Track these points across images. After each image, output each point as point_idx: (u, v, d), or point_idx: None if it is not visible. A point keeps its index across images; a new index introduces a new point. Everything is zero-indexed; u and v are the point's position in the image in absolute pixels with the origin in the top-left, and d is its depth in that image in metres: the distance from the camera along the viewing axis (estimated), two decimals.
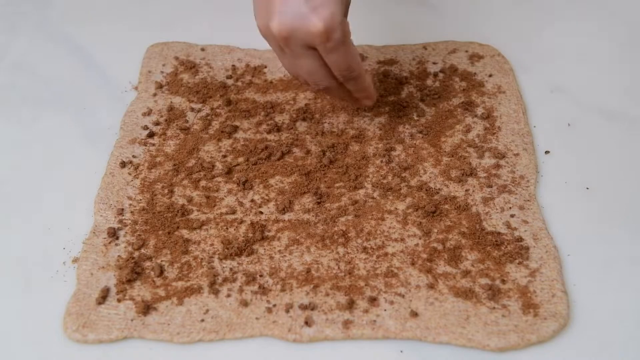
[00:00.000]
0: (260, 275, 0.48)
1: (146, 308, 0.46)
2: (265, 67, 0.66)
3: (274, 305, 0.47)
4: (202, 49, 0.67)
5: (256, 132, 0.59)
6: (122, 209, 0.53)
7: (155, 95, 0.63)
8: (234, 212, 0.53)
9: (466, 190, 0.54)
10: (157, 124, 0.60)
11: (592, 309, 0.46)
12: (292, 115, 0.60)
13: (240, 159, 0.57)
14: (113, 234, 0.51)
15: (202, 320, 0.46)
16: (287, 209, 0.53)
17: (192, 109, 0.61)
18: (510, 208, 0.52)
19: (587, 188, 0.54)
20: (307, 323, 0.45)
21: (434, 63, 0.65)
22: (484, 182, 0.54)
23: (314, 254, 0.50)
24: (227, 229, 0.51)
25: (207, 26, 0.71)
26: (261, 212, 0.53)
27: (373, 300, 0.46)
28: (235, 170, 0.56)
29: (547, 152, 0.57)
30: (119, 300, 0.47)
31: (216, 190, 0.54)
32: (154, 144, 0.58)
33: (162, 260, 0.50)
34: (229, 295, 0.47)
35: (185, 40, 0.69)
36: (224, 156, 0.57)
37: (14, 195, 0.55)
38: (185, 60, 0.66)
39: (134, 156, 0.57)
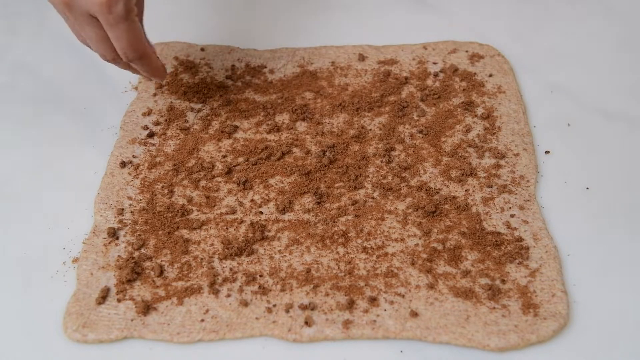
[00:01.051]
0: (260, 275, 0.48)
1: (146, 308, 0.46)
2: (265, 67, 0.66)
3: (274, 305, 0.47)
4: (202, 49, 0.67)
5: (256, 132, 0.59)
6: (122, 209, 0.53)
7: (155, 95, 0.63)
8: (234, 212, 0.53)
9: (466, 190, 0.54)
10: (157, 124, 0.60)
11: (592, 309, 0.46)
12: (292, 115, 0.60)
13: (240, 159, 0.57)
14: (113, 234, 0.51)
15: (202, 320, 0.46)
16: (287, 209, 0.53)
17: (192, 109, 0.61)
18: (510, 208, 0.52)
19: (587, 188, 0.54)
20: (307, 323, 0.45)
21: (434, 63, 0.65)
22: (484, 182, 0.54)
23: (314, 254, 0.50)
24: (227, 229, 0.51)
25: (207, 26, 0.71)
26: (261, 212, 0.53)
27: (373, 300, 0.46)
28: (235, 170, 0.56)
29: (547, 152, 0.57)
30: (119, 300, 0.47)
31: (216, 190, 0.54)
32: (154, 144, 0.58)
33: (162, 260, 0.50)
34: (229, 295, 0.47)
35: (185, 40, 0.69)
36: (224, 156, 0.57)
37: (14, 195, 0.55)
38: (185, 60, 0.66)
39: (134, 156, 0.57)
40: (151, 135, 0.59)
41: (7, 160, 0.58)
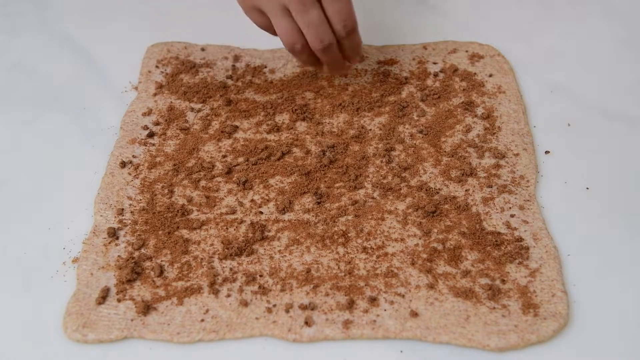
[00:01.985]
0: (260, 275, 0.48)
1: (146, 308, 0.46)
2: (265, 67, 0.66)
3: (274, 305, 0.47)
4: (202, 49, 0.67)
5: (256, 132, 0.59)
6: (122, 209, 0.53)
7: (155, 95, 0.63)
8: (234, 212, 0.53)
9: (466, 190, 0.54)
10: (157, 124, 0.60)
11: (592, 309, 0.46)
12: (292, 115, 0.60)
13: (240, 159, 0.57)
14: (113, 234, 0.51)
15: (202, 320, 0.46)
16: (287, 209, 0.53)
17: (192, 109, 0.61)
18: (510, 208, 0.52)
19: (587, 188, 0.54)
20: (307, 323, 0.45)
21: (434, 63, 0.65)
22: (484, 182, 0.54)
23: (314, 254, 0.50)
24: (227, 229, 0.51)
25: (207, 26, 0.71)
26: (261, 212, 0.53)
27: (373, 300, 0.46)
28: (235, 170, 0.56)
29: (547, 152, 0.57)
30: (119, 300, 0.47)
31: (216, 190, 0.54)
32: (154, 144, 0.58)
33: (162, 260, 0.50)
34: (229, 295, 0.47)
35: (185, 40, 0.69)
36: (224, 156, 0.57)
37: (14, 195, 0.55)
38: (185, 60, 0.66)
39: (134, 156, 0.57)
40: (151, 135, 0.59)
41: (7, 160, 0.58)
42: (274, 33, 0.56)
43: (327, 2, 0.52)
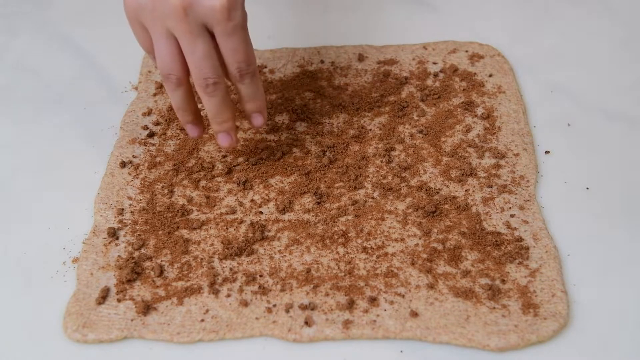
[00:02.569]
0: (260, 275, 0.48)
1: (146, 308, 0.46)
2: (266, 66, 0.66)
3: (274, 305, 0.47)
4: None
5: (256, 132, 0.59)
6: (122, 209, 0.53)
7: (155, 95, 0.63)
8: (234, 212, 0.53)
9: (466, 190, 0.54)
10: (157, 124, 0.60)
11: (592, 309, 0.46)
12: (292, 115, 0.60)
13: (240, 159, 0.57)
14: (113, 234, 0.51)
15: (202, 320, 0.46)
16: (287, 209, 0.53)
17: None
18: (510, 208, 0.52)
19: (587, 188, 0.54)
20: (307, 323, 0.45)
21: (434, 63, 0.65)
22: (484, 182, 0.54)
23: (314, 254, 0.50)
24: (227, 229, 0.51)
25: None
26: (261, 212, 0.53)
27: (373, 300, 0.46)
28: (235, 170, 0.56)
29: (547, 152, 0.57)
30: (119, 300, 0.47)
31: (216, 190, 0.54)
32: (154, 144, 0.58)
33: (162, 260, 0.50)
34: (229, 295, 0.47)
35: None
36: (224, 156, 0.57)
37: (14, 195, 0.55)
38: None
39: (134, 156, 0.57)
40: (151, 135, 0.59)
41: (7, 160, 0.58)
42: (154, 58, 0.48)
43: (221, 38, 0.44)
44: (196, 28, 0.43)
